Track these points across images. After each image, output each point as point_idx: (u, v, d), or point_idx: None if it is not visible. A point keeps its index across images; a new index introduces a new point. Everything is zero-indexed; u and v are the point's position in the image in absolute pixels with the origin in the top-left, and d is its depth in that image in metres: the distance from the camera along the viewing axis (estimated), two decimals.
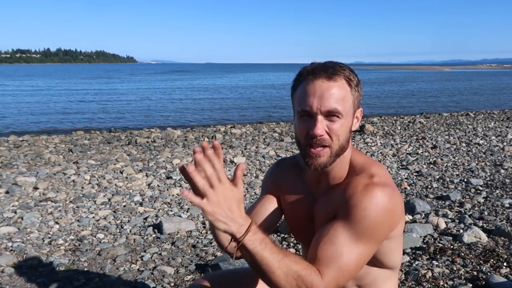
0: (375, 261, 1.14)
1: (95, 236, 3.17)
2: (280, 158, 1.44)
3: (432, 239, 2.97)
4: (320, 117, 1.05)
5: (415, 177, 4.86)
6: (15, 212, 3.66)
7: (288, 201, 1.31)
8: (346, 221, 1.04)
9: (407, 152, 6.45)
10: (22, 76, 55.50)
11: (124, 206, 3.91)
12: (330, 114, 1.05)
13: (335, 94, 1.05)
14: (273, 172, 1.38)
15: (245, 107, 16.97)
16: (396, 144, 7.16)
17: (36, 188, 4.41)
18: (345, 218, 1.05)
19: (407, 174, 5.02)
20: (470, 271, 2.45)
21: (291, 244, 2.95)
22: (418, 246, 2.84)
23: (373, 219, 1.03)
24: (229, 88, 30.54)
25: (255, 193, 4.32)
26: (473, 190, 4.24)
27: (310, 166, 1.10)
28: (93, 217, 3.58)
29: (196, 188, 0.86)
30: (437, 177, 4.83)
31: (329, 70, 1.06)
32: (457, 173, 5.04)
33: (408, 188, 4.43)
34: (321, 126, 1.05)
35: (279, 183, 1.34)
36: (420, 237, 2.98)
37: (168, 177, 4.94)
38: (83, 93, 25.46)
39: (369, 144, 7.16)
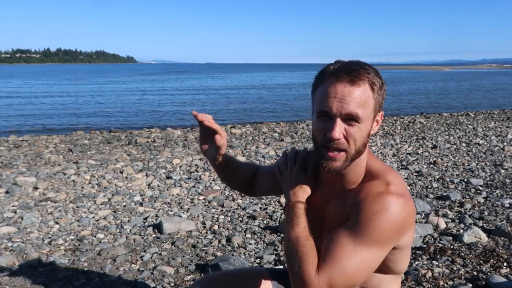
0: (383, 268, 1.13)
1: (95, 236, 3.17)
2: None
3: (432, 239, 2.97)
4: (338, 120, 1.03)
5: (415, 177, 4.86)
6: (15, 212, 3.66)
7: None
8: (353, 224, 1.04)
9: (407, 152, 6.45)
10: (22, 76, 55.42)
11: (124, 206, 3.91)
12: (349, 118, 1.03)
13: (356, 99, 1.02)
14: None
15: (245, 107, 16.96)
16: (396, 144, 7.17)
17: (36, 188, 4.41)
18: (352, 221, 1.04)
19: (407, 174, 5.02)
20: (470, 271, 2.45)
21: None
22: (418, 246, 2.84)
23: (380, 224, 1.01)
24: (229, 88, 30.54)
25: None
26: (473, 190, 4.24)
27: (324, 168, 1.09)
28: (93, 217, 3.58)
29: None
30: (437, 177, 4.83)
31: (353, 73, 1.02)
32: (457, 173, 5.04)
33: (408, 188, 4.43)
34: (339, 129, 1.03)
35: None
36: (420, 237, 2.98)
37: (168, 177, 4.94)
38: (83, 93, 25.46)
39: (369, 144, 7.15)
